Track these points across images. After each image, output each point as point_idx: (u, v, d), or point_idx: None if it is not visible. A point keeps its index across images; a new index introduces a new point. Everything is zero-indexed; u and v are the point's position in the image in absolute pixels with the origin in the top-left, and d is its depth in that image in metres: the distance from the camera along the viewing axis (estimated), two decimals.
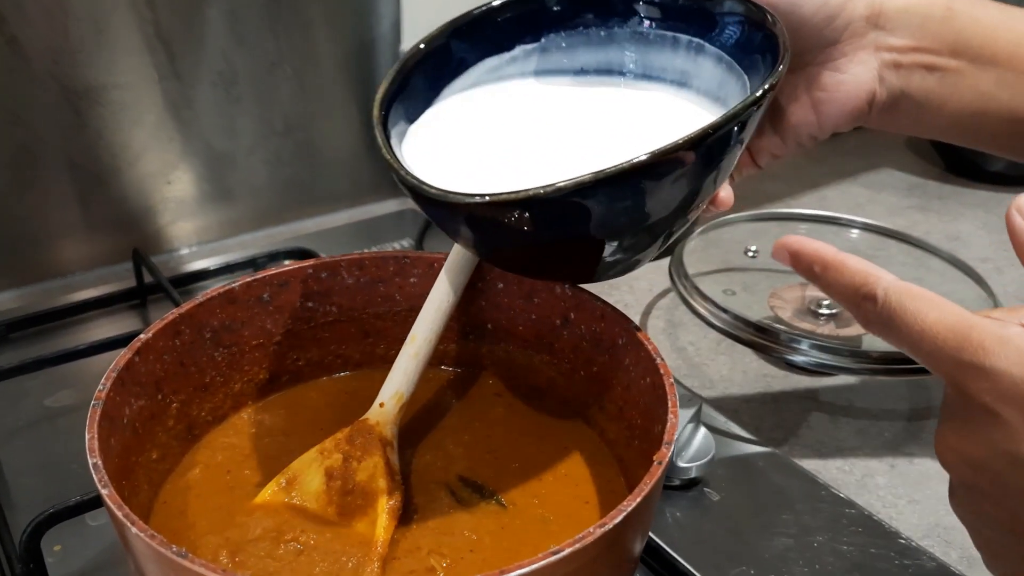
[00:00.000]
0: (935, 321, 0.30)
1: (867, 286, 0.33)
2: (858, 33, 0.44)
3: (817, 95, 0.45)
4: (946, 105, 0.46)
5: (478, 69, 0.45)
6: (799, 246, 0.36)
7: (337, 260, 0.49)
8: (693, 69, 0.44)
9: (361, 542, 0.39)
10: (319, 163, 0.88)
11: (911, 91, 0.45)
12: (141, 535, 0.31)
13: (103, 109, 0.74)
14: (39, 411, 0.60)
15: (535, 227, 0.35)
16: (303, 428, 0.47)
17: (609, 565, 0.34)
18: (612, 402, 0.45)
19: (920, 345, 0.31)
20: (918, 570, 0.49)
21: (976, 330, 0.29)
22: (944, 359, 0.30)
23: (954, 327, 0.30)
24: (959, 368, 0.30)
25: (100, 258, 0.78)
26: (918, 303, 0.31)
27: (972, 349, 0.29)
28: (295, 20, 0.80)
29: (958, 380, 0.30)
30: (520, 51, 0.46)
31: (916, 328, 0.31)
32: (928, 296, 0.31)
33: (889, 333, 0.32)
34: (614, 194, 0.34)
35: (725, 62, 0.42)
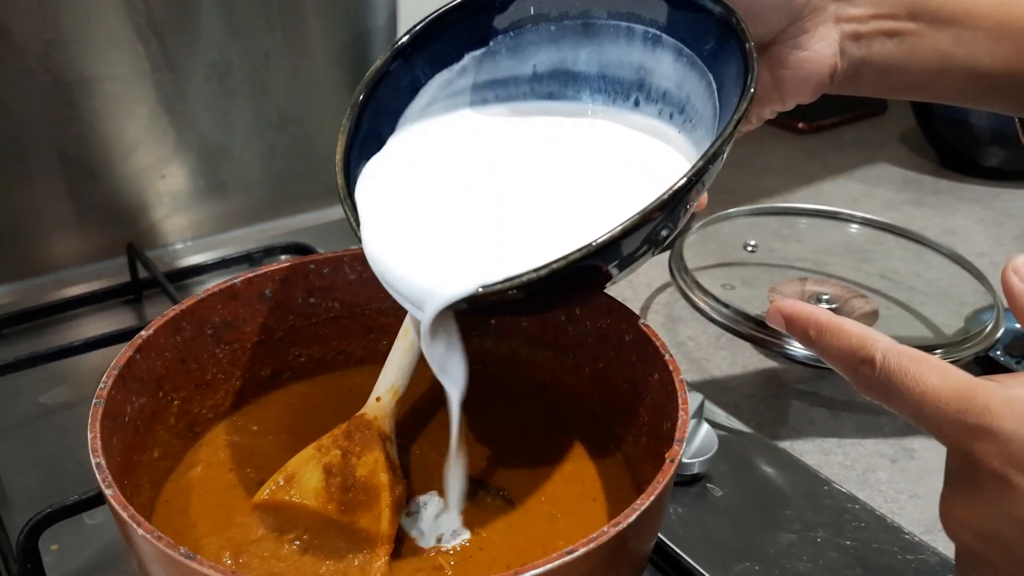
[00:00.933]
0: (937, 384, 0.29)
1: (864, 349, 0.32)
2: (818, 8, 0.44)
3: (781, 73, 0.45)
4: (907, 68, 0.46)
5: (432, 86, 0.44)
6: (792, 310, 0.35)
7: (339, 255, 0.48)
8: (651, 64, 0.42)
9: (365, 538, 0.38)
10: (314, 157, 0.87)
11: (872, 58, 0.46)
12: (148, 536, 0.30)
13: (96, 101, 0.73)
14: (34, 408, 0.59)
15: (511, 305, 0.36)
16: (306, 425, 0.46)
17: (622, 564, 0.34)
18: (618, 399, 0.45)
19: (922, 409, 0.30)
20: (921, 565, 0.49)
21: (980, 391, 0.28)
22: (948, 423, 0.29)
23: (957, 389, 0.29)
24: (964, 432, 0.29)
25: (94, 253, 0.77)
26: (919, 366, 0.30)
27: (977, 411, 0.28)
28: (290, 12, 0.79)
29: (963, 444, 0.29)
30: (469, 59, 0.44)
31: (917, 391, 0.30)
32: (929, 359, 0.30)
33: (889, 397, 0.31)
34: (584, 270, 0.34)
35: (686, 56, 0.41)
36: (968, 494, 0.29)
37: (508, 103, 0.45)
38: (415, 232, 0.39)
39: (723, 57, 0.39)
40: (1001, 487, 0.28)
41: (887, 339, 0.32)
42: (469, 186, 0.41)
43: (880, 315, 0.68)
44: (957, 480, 0.30)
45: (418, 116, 0.44)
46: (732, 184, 0.97)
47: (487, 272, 0.34)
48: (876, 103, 1.24)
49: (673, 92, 0.42)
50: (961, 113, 1.00)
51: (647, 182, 0.37)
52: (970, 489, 0.29)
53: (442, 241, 0.38)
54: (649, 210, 0.33)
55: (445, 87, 0.44)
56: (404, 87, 0.43)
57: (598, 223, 0.33)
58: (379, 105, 0.42)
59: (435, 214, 0.40)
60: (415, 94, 0.44)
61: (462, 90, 0.45)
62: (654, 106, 0.43)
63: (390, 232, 0.39)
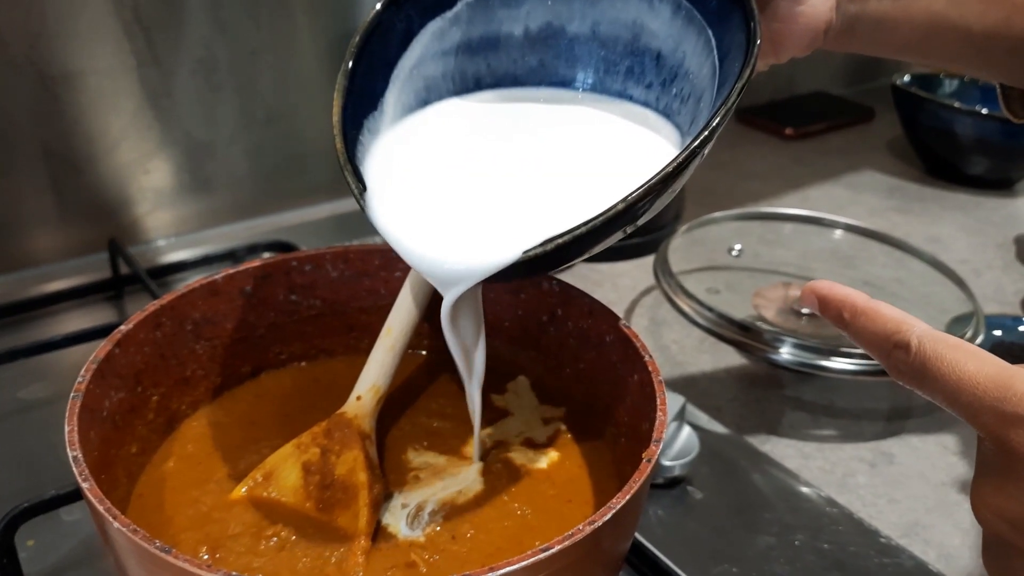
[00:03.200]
0: (975, 371, 0.29)
1: (900, 334, 0.31)
2: None
3: (775, 26, 0.45)
4: (900, 27, 0.46)
5: (424, 35, 0.43)
6: (827, 291, 0.34)
7: (322, 252, 0.48)
8: (647, 19, 0.42)
9: (343, 536, 0.38)
10: (301, 154, 0.87)
11: (866, 14, 0.46)
12: (124, 530, 0.30)
13: (80, 95, 0.72)
14: (12, 403, 0.59)
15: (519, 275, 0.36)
16: (270, 417, 0.46)
17: (597, 563, 0.34)
18: (599, 399, 0.45)
19: (958, 396, 0.29)
20: (897, 568, 0.49)
21: (1019, 380, 0.28)
22: (984, 410, 0.29)
23: (995, 377, 0.28)
24: (1001, 420, 0.28)
25: (75, 248, 0.77)
26: (956, 353, 0.30)
27: (1016, 400, 0.28)
28: (277, 8, 0.79)
29: (999, 433, 0.28)
30: (463, 6, 0.43)
31: (953, 378, 0.29)
32: (965, 346, 0.30)
33: (923, 383, 0.31)
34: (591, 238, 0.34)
35: (684, 10, 0.41)
36: (1002, 482, 0.29)
37: (498, 89, 0.45)
38: (435, 211, 0.39)
39: (724, 11, 0.39)
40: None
41: (923, 324, 0.32)
42: (473, 166, 0.41)
43: None
44: (991, 468, 0.30)
45: (409, 73, 0.43)
46: (718, 188, 0.97)
47: (524, 239, 0.34)
48: (863, 111, 1.25)
49: (667, 55, 0.42)
50: (946, 122, 1.00)
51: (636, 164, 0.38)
52: (1004, 477, 0.29)
53: (466, 216, 0.38)
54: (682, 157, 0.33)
55: (438, 38, 0.43)
56: (397, 36, 0.42)
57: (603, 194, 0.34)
58: (372, 58, 0.42)
59: (449, 192, 0.40)
60: (407, 45, 0.43)
61: (453, 48, 0.44)
62: (644, 82, 0.43)
63: (410, 211, 0.39)
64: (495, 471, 0.43)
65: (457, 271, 0.36)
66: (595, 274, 0.80)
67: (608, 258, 0.82)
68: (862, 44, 0.48)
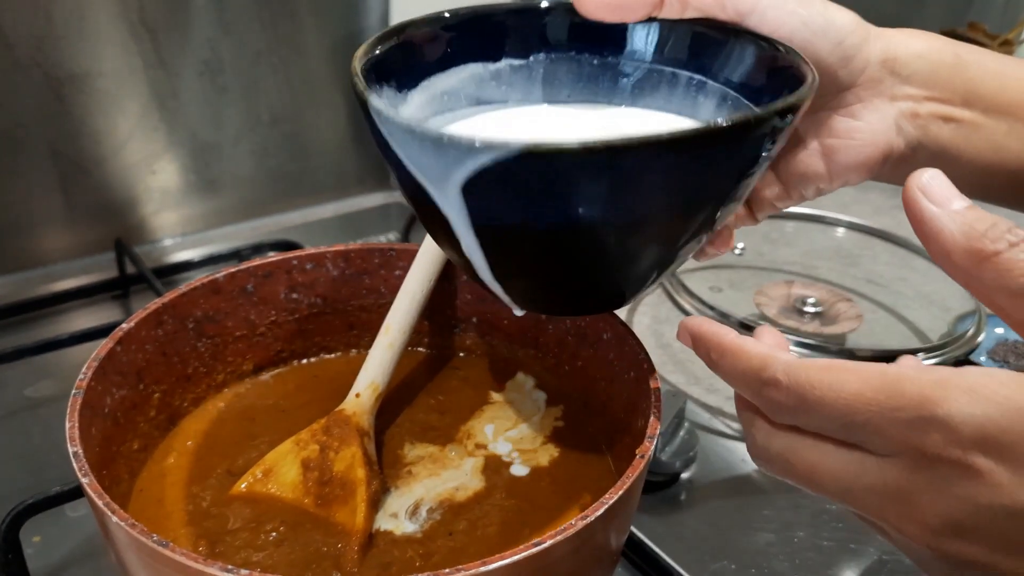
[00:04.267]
0: (859, 387, 0.27)
1: (766, 370, 0.29)
2: (874, 78, 0.40)
3: (828, 142, 0.41)
4: (961, 157, 0.43)
5: (461, 72, 0.42)
6: (697, 329, 0.33)
7: (322, 252, 0.49)
8: (691, 111, 0.40)
9: (341, 531, 0.39)
10: (305, 155, 0.87)
11: (927, 143, 0.42)
12: (122, 524, 0.31)
13: (87, 97, 0.73)
14: (19, 401, 0.60)
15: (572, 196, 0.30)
16: (270, 413, 0.47)
17: (590, 557, 0.34)
18: (596, 396, 0.45)
19: (852, 418, 0.27)
20: (897, 565, 0.49)
21: (907, 383, 0.26)
22: (886, 425, 0.26)
23: (882, 388, 0.26)
24: (908, 428, 0.26)
25: (82, 248, 0.78)
26: (830, 374, 0.27)
27: (915, 404, 0.26)
28: (282, 10, 0.80)
29: (911, 442, 0.26)
30: (506, 65, 0.42)
31: (840, 402, 0.27)
32: (834, 364, 0.28)
33: (809, 415, 0.28)
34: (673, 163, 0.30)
35: (731, 100, 0.39)
36: (932, 494, 0.26)
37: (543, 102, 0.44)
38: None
39: (766, 92, 0.37)
40: (966, 475, 0.26)
41: (787, 355, 0.29)
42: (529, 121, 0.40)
43: (865, 319, 0.68)
44: (914, 485, 0.27)
45: (440, 95, 0.41)
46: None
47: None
48: None
49: None
50: None
51: None
52: (932, 488, 0.26)
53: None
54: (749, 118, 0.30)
55: (474, 79, 0.42)
56: (439, 52, 0.41)
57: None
58: (412, 50, 0.40)
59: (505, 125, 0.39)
60: (445, 68, 0.41)
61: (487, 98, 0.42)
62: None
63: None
64: (492, 468, 0.44)
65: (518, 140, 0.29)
66: None
67: None
68: None
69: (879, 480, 0.27)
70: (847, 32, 0.39)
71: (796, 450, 0.30)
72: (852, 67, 0.39)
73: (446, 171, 0.30)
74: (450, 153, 0.29)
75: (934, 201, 0.30)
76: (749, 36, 0.38)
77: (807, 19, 0.38)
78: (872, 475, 0.28)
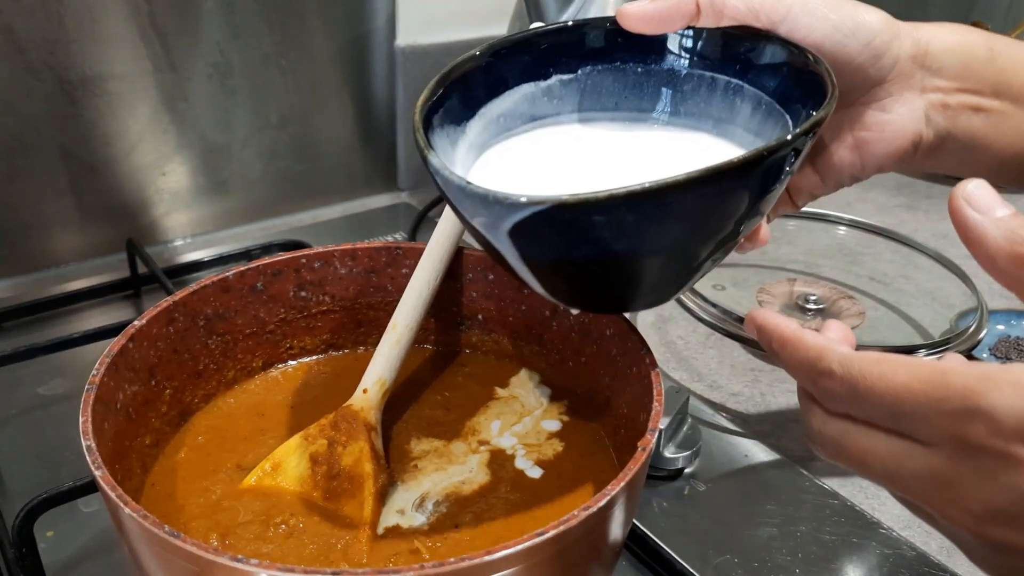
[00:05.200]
0: (907, 379, 0.28)
1: (821, 361, 0.31)
2: (904, 73, 0.42)
3: (861, 135, 0.43)
4: (991, 146, 0.44)
5: (515, 94, 0.44)
6: (763, 320, 0.35)
7: (330, 250, 0.50)
8: (729, 115, 0.42)
9: (349, 524, 0.39)
10: (313, 156, 0.88)
11: (957, 132, 0.44)
12: (135, 516, 0.31)
13: (98, 99, 0.74)
14: (33, 399, 0.60)
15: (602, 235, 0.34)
16: (279, 409, 0.47)
17: (592, 548, 0.35)
18: (600, 392, 0.46)
19: (900, 408, 0.28)
20: (899, 559, 0.49)
21: (952, 376, 0.27)
22: (932, 415, 0.28)
23: (929, 380, 0.28)
24: (953, 420, 0.27)
25: (94, 248, 0.79)
26: (881, 367, 0.29)
27: (959, 396, 0.27)
28: (290, 13, 0.81)
29: (955, 432, 0.27)
30: (556, 81, 0.44)
31: (890, 393, 0.29)
32: (886, 357, 0.29)
33: (860, 404, 0.30)
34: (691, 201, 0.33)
35: (765, 104, 0.41)
36: (975, 482, 0.28)
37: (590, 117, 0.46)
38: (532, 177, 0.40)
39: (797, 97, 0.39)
40: (1008, 465, 0.27)
41: (844, 348, 0.31)
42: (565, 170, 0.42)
43: (868, 316, 0.69)
44: (958, 473, 0.28)
45: (496, 119, 0.44)
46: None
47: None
48: None
49: (753, 131, 0.42)
50: None
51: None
52: (976, 476, 0.28)
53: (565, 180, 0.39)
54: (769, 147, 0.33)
55: (527, 99, 0.44)
56: (491, 81, 0.43)
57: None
58: (465, 86, 0.42)
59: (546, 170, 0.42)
60: (496, 95, 0.44)
61: (543, 113, 0.45)
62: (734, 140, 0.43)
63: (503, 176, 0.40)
64: (498, 462, 0.44)
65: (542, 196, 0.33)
66: None
67: None
68: (952, 163, 0.46)
69: (925, 467, 0.29)
70: (876, 31, 0.41)
71: (848, 436, 0.31)
72: (882, 64, 0.41)
73: (495, 220, 0.34)
74: (496, 208, 0.33)
75: (978, 209, 0.31)
76: (781, 43, 0.40)
77: (837, 23, 0.40)
78: (918, 462, 0.29)
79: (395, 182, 0.95)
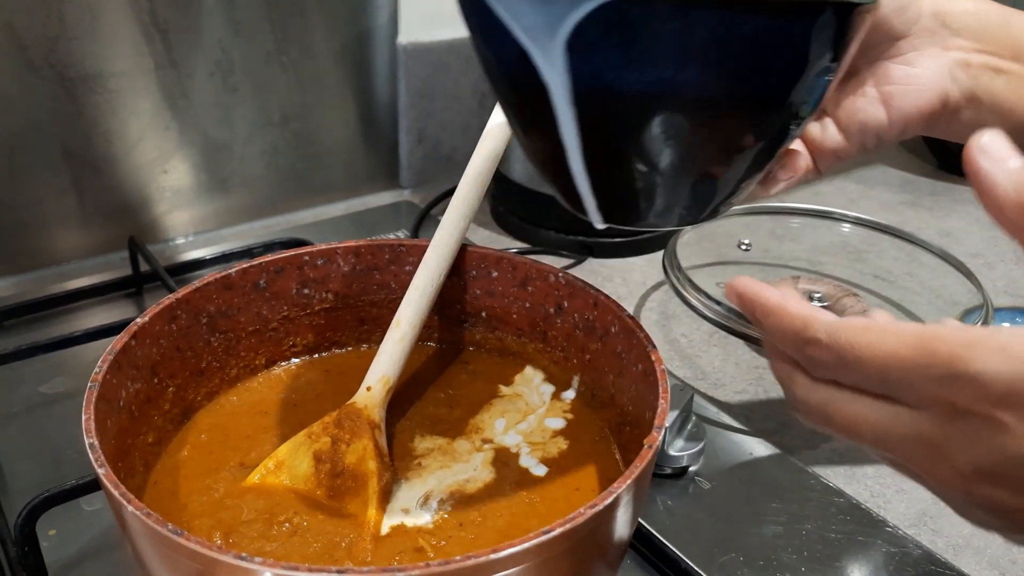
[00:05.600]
0: (894, 345, 0.28)
1: (808, 330, 0.31)
2: (928, 28, 0.42)
3: (887, 88, 0.42)
4: (1015, 110, 0.44)
5: None
6: (743, 288, 0.34)
7: (333, 247, 0.49)
8: None
9: (353, 522, 0.39)
10: (315, 154, 0.88)
11: (980, 93, 0.43)
12: (138, 513, 0.31)
13: (99, 97, 0.74)
14: (34, 397, 0.60)
15: (671, 52, 0.30)
16: (282, 407, 0.47)
17: (599, 546, 0.34)
18: (604, 389, 0.46)
19: (887, 375, 0.29)
20: (905, 557, 0.49)
21: (939, 342, 0.28)
22: (919, 381, 0.28)
23: (916, 346, 0.28)
24: (940, 385, 0.28)
25: (96, 246, 0.78)
26: (868, 335, 0.29)
27: (946, 362, 0.27)
28: (292, 10, 0.80)
29: (942, 397, 0.28)
30: None
31: (878, 360, 0.29)
32: (871, 324, 0.29)
33: (848, 372, 0.30)
34: (774, 27, 0.30)
35: None
36: (962, 444, 0.28)
37: None
38: None
39: None
40: (994, 428, 0.27)
41: (829, 315, 0.31)
42: None
43: (871, 314, 0.68)
44: (945, 436, 0.29)
45: None
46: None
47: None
48: None
49: None
50: None
51: None
52: (963, 438, 0.28)
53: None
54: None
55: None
56: None
57: None
58: None
59: None
60: None
61: None
62: None
63: None
64: (502, 460, 0.44)
65: None
66: (605, 269, 0.80)
67: (618, 253, 0.82)
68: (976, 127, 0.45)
69: (913, 430, 0.29)
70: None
71: (835, 402, 0.32)
72: (906, 16, 0.41)
73: (554, 21, 0.29)
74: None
75: (991, 158, 0.31)
76: None
77: None
78: (906, 426, 0.30)
79: (397, 180, 0.95)
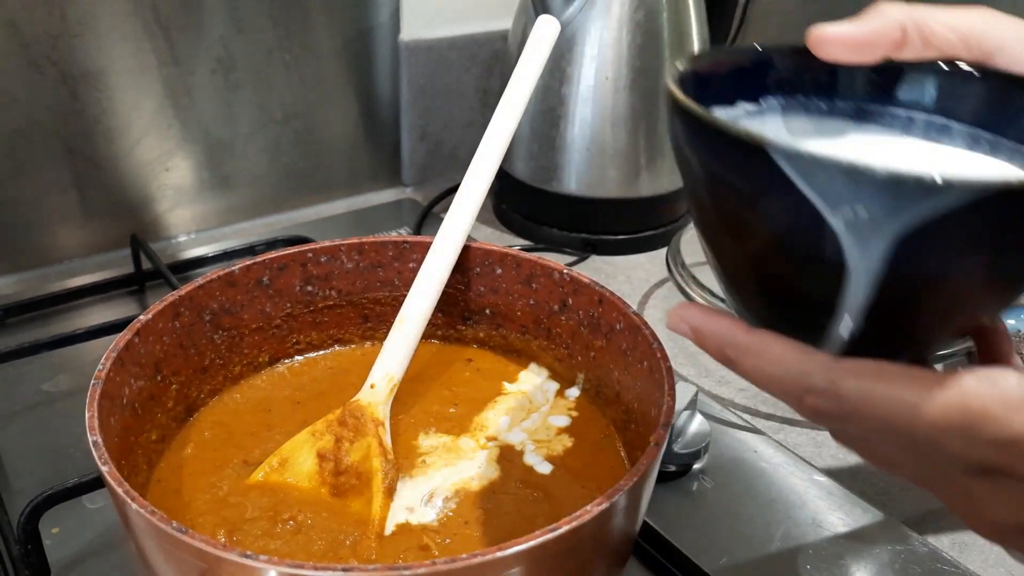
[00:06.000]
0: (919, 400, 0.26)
1: (805, 377, 0.28)
2: None
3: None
4: None
5: (738, 107, 0.37)
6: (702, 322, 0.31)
7: (337, 244, 0.49)
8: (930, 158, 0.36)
9: (357, 520, 0.39)
10: (317, 151, 0.88)
11: None
12: (141, 511, 0.31)
13: (101, 94, 0.74)
14: (37, 395, 0.60)
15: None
16: (285, 405, 0.47)
17: (605, 544, 0.34)
18: (609, 387, 0.45)
19: (914, 432, 0.26)
20: (910, 555, 0.49)
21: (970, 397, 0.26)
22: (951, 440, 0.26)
23: (945, 404, 0.26)
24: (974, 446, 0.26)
25: (98, 244, 0.78)
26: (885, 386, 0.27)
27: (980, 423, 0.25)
28: (294, 7, 0.80)
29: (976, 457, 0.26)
30: (741, 111, 0.38)
31: (903, 416, 0.26)
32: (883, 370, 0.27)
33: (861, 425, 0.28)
34: None
35: (984, 142, 0.35)
36: (1000, 499, 0.27)
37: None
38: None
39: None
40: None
41: (822, 356, 0.28)
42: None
43: None
44: (979, 490, 0.27)
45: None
46: None
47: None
48: None
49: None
50: None
51: None
52: (999, 492, 0.27)
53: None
54: None
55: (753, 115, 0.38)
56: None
57: None
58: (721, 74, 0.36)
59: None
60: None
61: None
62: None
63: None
64: (507, 457, 0.44)
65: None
66: (608, 267, 0.80)
67: (621, 250, 0.82)
68: None
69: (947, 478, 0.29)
70: None
71: (844, 433, 0.31)
72: None
73: (886, 216, 0.25)
74: (904, 193, 0.24)
75: None
76: (998, 76, 0.34)
77: None
78: (943, 477, 0.29)
79: (399, 177, 0.95)
